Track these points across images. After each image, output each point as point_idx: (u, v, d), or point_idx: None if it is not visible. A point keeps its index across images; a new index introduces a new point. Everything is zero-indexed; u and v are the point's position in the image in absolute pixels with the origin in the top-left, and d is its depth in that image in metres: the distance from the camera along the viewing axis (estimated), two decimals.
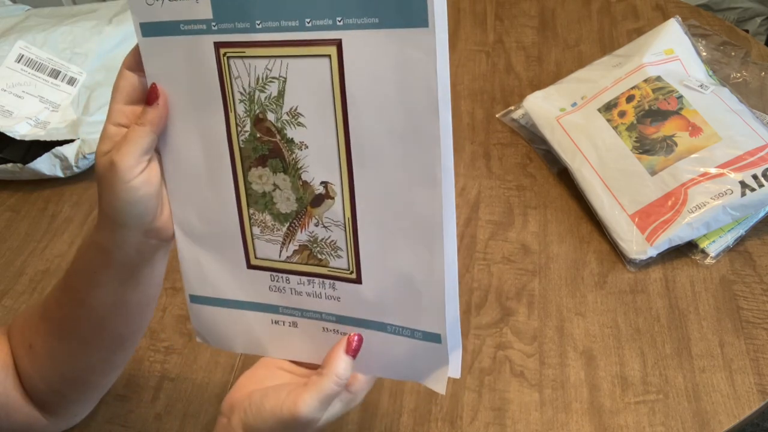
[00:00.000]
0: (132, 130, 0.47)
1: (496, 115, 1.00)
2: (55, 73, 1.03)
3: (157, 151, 0.50)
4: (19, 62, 1.02)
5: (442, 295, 0.47)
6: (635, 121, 0.84)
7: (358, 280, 0.49)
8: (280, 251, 0.51)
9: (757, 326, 0.72)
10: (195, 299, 0.55)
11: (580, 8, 1.18)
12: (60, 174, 0.95)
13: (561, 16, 1.17)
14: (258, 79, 0.46)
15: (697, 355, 0.70)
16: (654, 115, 0.83)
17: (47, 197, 0.96)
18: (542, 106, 0.93)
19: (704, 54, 0.97)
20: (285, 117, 0.47)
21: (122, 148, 0.47)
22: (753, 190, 0.76)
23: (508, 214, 0.86)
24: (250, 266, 0.52)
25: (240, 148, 0.48)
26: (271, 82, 0.46)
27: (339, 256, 0.49)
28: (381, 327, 0.50)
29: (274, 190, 0.49)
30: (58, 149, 0.93)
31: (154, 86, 0.48)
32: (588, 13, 1.16)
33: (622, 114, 0.85)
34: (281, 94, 0.46)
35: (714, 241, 0.79)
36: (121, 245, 0.50)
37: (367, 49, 0.43)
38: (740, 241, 0.80)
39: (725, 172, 0.77)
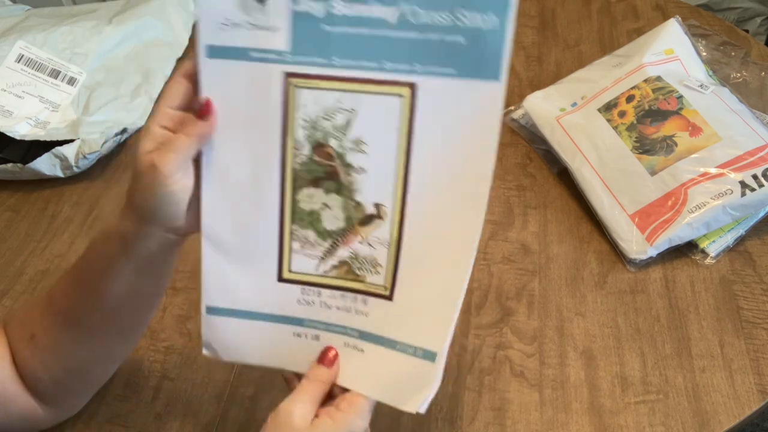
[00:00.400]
0: (179, 138, 0.49)
1: None
2: (55, 73, 1.03)
3: (195, 159, 0.52)
4: (19, 62, 1.02)
5: (453, 315, 0.49)
6: (635, 121, 0.84)
7: (390, 297, 0.52)
8: (318, 265, 0.53)
9: (757, 326, 0.72)
10: (212, 311, 0.55)
11: (580, 8, 1.18)
12: (60, 174, 0.95)
13: (561, 16, 1.17)
14: (326, 109, 0.50)
15: (697, 355, 0.70)
16: (654, 115, 0.83)
17: (47, 197, 0.96)
18: (542, 106, 0.93)
19: (704, 54, 0.97)
20: (348, 144, 0.51)
21: (167, 154, 0.49)
22: (753, 190, 0.76)
23: (508, 214, 0.86)
24: (281, 279, 0.54)
25: (293, 170, 0.52)
26: (339, 112, 0.50)
27: (377, 273, 0.52)
28: (392, 344, 0.52)
29: (322, 209, 0.53)
30: (58, 149, 0.93)
31: (208, 102, 0.51)
32: (588, 13, 1.16)
33: (622, 114, 0.85)
34: (348, 124, 0.50)
35: (714, 241, 0.79)
36: (143, 238, 0.52)
37: (440, 94, 0.48)
38: (740, 241, 0.80)
39: (725, 172, 0.77)
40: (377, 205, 0.51)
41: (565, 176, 0.89)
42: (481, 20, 0.47)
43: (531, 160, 0.93)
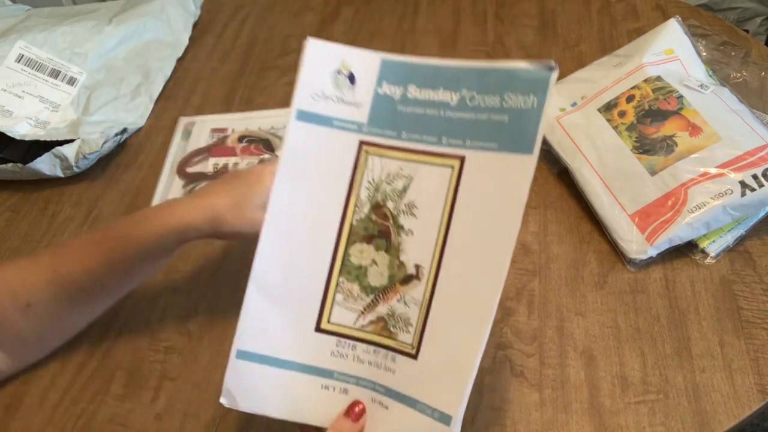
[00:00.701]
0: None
1: None
2: (55, 73, 1.03)
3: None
4: (19, 62, 1.02)
5: (469, 378, 0.51)
6: (635, 121, 0.84)
7: (415, 356, 0.54)
8: (356, 319, 0.56)
9: (757, 326, 0.72)
10: (242, 355, 0.57)
11: (580, 8, 1.18)
12: (60, 174, 0.95)
13: (561, 16, 1.17)
14: (389, 174, 0.57)
15: (697, 355, 0.70)
16: (654, 115, 0.83)
17: (47, 197, 0.96)
18: None
19: (704, 54, 0.97)
20: (403, 207, 0.57)
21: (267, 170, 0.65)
22: (753, 190, 0.76)
23: None
24: (318, 329, 0.57)
25: (351, 225, 0.57)
26: (399, 178, 0.57)
27: (408, 332, 0.55)
28: (413, 403, 0.53)
29: (370, 264, 0.57)
30: (58, 149, 0.93)
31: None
32: (588, 13, 1.17)
33: (622, 114, 0.85)
34: (405, 189, 0.57)
35: (714, 241, 0.79)
36: (172, 251, 0.65)
37: (482, 165, 0.55)
38: (740, 241, 0.80)
39: (725, 172, 0.77)
40: (417, 266, 0.56)
41: (565, 176, 0.89)
42: (523, 101, 0.54)
43: None
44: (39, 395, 0.74)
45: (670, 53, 0.89)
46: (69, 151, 0.94)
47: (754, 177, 0.77)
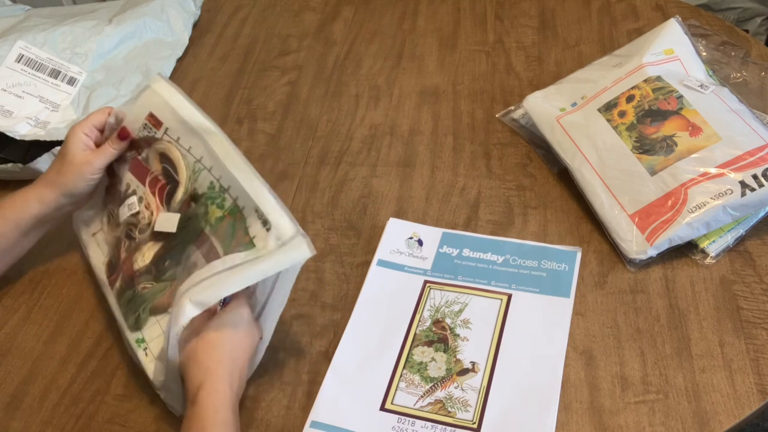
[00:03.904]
0: (107, 149, 0.78)
1: (496, 115, 1.00)
2: (55, 73, 1.03)
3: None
4: (19, 62, 1.02)
5: None
6: (635, 121, 0.84)
7: (477, 430, 0.66)
8: (416, 401, 0.68)
9: (757, 326, 0.72)
10: (316, 425, 0.68)
11: (580, 8, 1.18)
12: None
13: (561, 16, 1.17)
14: (447, 301, 0.77)
15: (697, 355, 0.70)
16: (654, 115, 0.83)
17: None
18: (542, 106, 0.93)
19: (704, 54, 0.97)
20: (459, 322, 0.74)
21: (101, 156, 0.78)
22: (753, 190, 0.76)
23: (508, 214, 0.86)
24: (382, 408, 0.68)
25: (415, 333, 0.74)
26: (456, 303, 0.76)
27: (467, 411, 0.67)
28: None
29: (430, 361, 0.71)
30: (58, 149, 0.93)
31: (125, 129, 0.78)
32: (588, 13, 1.17)
33: (622, 114, 0.85)
34: (461, 311, 0.75)
35: (714, 241, 0.79)
36: (57, 208, 0.79)
37: (527, 302, 0.75)
38: (740, 241, 0.80)
39: (725, 172, 0.77)
40: (473, 363, 0.71)
41: (565, 176, 0.89)
42: (557, 266, 0.79)
43: (531, 160, 0.93)
44: (39, 395, 0.74)
45: (670, 53, 0.89)
46: None
47: (754, 177, 0.77)
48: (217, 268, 0.64)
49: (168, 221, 0.72)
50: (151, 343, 0.69)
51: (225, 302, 0.67)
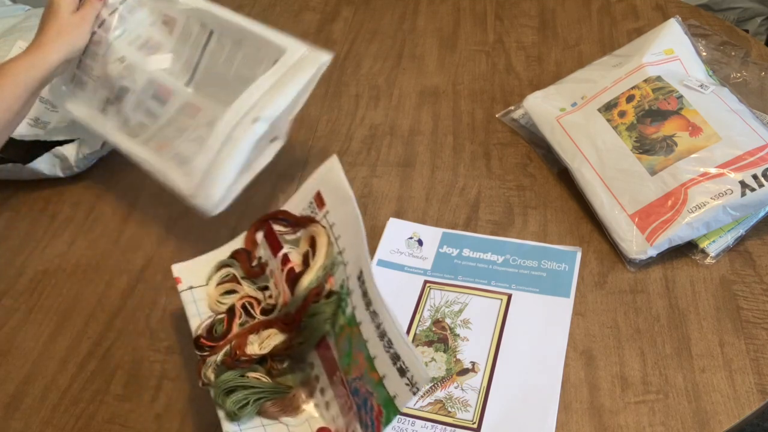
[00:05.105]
0: (93, 6, 0.82)
1: (496, 115, 1.00)
2: None
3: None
4: None
5: None
6: (635, 121, 0.84)
7: (477, 430, 0.66)
8: (416, 401, 0.68)
9: (757, 326, 0.72)
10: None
11: (580, 8, 1.18)
12: (60, 174, 0.95)
13: (561, 16, 1.17)
14: (447, 301, 0.76)
15: (697, 355, 0.70)
16: (654, 115, 0.83)
17: (47, 197, 0.96)
18: (542, 106, 0.93)
19: (704, 54, 0.97)
20: (459, 323, 0.74)
21: (91, 13, 0.82)
22: (753, 190, 0.76)
23: (508, 214, 0.86)
24: None
25: (415, 333, 0.74)
26: (456, 304, 0.76)
27: (467, 411, 0.67)
28: None
29: (430, 361, 0.71)
30: (58, 149, 0.93)
31: None
32: (588, 13, 1.17)
33: (622, 114, 0.85)
34: (461, 311, 0.75)
35: (714, 241, 0.79)
36: (61, 67, 0.80)
37: (527, 302, 0.75)
38: (740, 241, 0.80)
39: (725, 172, 0.77)
40: (473, 363, 0.71)
41: (565, 176, 0.89)
42: (557, 266, 0.78)
43: (531, 160, 0.93)
44: (39, 395, 0.74)
45: (670, 53, 0.89)
46: (69, 151, 0.94)
47: (754, 177, 0.77)
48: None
49: (165, 61, 0.79)
50: None
51: None
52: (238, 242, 0.76)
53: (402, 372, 0.55)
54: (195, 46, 0.86)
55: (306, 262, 0.68)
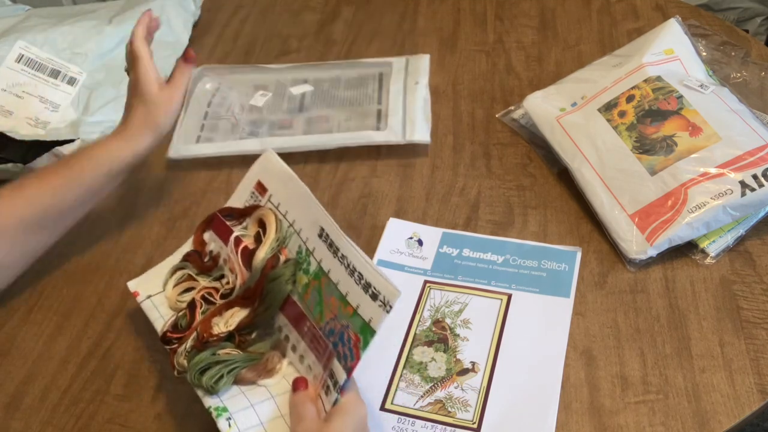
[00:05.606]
0: (183, 81, 0.80)
1: (496, 115, 1.00)
2: (55, 73, 1.03)
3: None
4: (19, 62, 1.02)
5: None
6: (635, 121, 0.84)
7: (477, 430, 0.66)
8: (416, 401, 0.68)
9: (757, 326, 0.72)
10: None
11: (580, 8, 1.18)
12: None
13: (561, 16, 1.17)
14: (447, 301, 0.76)
15: (697, 355, 0.70)
16: (654, 115, 0.83)
17: None
18: (542, 106, 0.93)
19: (704, 54, 0.97)
20: (459, 322, 0.74)
21: (179, 90, 0.79)
22: (753, 190, 0.76)
23: (508, 214, 0.86)
24: (382, 408, 0.68)
25: (415, 333, 0.74)
26: (456, 304, 0.76)
27: (467, 411, 0.67)
28: None
29: (430, 361, 0.71)
30: (59, 149, 0.93)
31: (190, 51, 0.81)
32: (588, 13, 1.17)
33: (622, 114, 0.85)
34: (461, 311, 0.75)
35: (714, 241, 0.79)
36: (150, 150, 0.79)
37: (527, 302, 0.76)
38: (740, 241, 0.80)
39: (725, 172, 0.77)
40: (473, 363, 0.71)
41: (565, 176, 0.89)
42: (557, 266, 0.78)
43: (531, 160, 0.93)
44: (39, 395, 0.74)
45: (670, 53, 0.89)
46: (69, 151, 0.94)
47: (754, 177, 0.77)
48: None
49: None
50: (236, 414, 0.64)
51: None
52: (186, 247, 0.78)
53: (374, 297, 0.60)
54: None
55: (258, 240, 0.72)
